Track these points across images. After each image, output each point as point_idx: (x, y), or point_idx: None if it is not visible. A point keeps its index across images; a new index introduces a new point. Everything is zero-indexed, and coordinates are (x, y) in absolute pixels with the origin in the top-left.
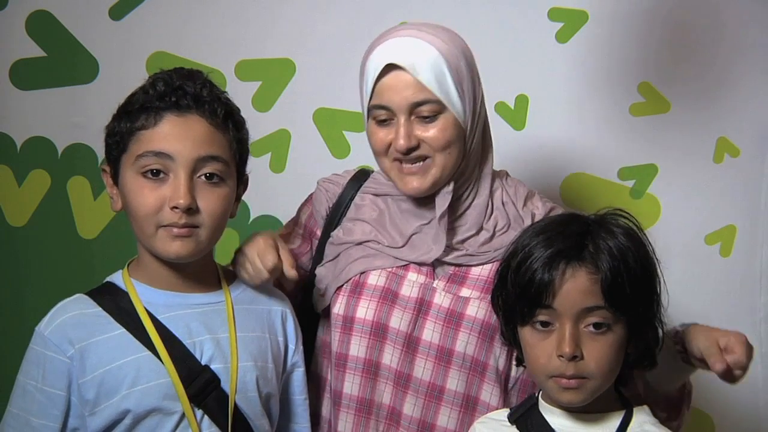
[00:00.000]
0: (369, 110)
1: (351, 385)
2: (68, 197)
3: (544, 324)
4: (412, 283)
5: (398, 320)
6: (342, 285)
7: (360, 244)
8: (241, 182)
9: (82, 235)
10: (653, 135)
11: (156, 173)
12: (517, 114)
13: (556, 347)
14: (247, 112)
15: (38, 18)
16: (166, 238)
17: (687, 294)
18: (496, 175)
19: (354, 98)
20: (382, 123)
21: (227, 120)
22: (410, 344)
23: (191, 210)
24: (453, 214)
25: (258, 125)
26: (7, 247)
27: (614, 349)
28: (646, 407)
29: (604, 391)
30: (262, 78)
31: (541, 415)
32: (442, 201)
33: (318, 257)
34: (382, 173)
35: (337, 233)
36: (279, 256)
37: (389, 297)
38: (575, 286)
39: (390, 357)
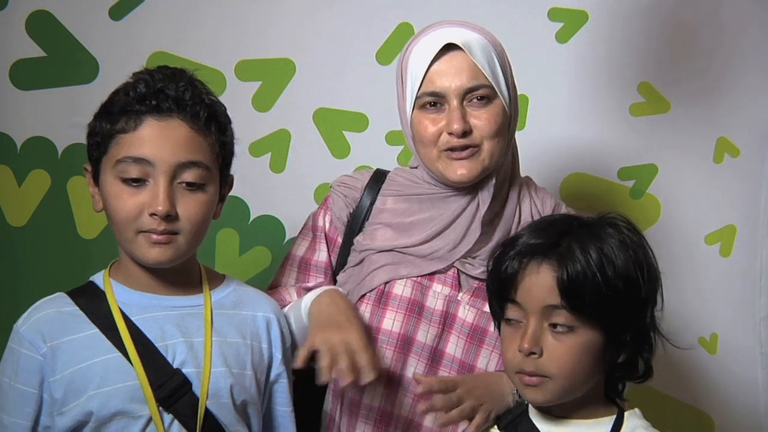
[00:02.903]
0: (417, 98)
1: (372, 396)
2: (68, 197)
3: (513, 320)
4: (436, 295)
5: (425, 334)
6: (366, 293)
7: (383, 251)
8: (226, 183)
9: (82, 235)
10: (653, 135)
11: (135, 179)
12: None
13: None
14: (247, 112)
15: (38, 18)
16: (145, 244)
17: (687, 294)
18: (524, 182)
19: (354, 98)
20: (430, 110)
21: (210, 123)
22: (434, 358)
23: (170, 217)
24: (487, 215)
25: (258, 125)
26: (7, 247)
27: (578, 352)
28: (637, 411)
29: (592, 397)
30: (262, 78)
31: (531, 421)
32: (487, 194)
33: (340, 265)
34: (400, 173)
35: (359, 239)
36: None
37: (416, 309)
38: (537, 282)
39: (413, 370)
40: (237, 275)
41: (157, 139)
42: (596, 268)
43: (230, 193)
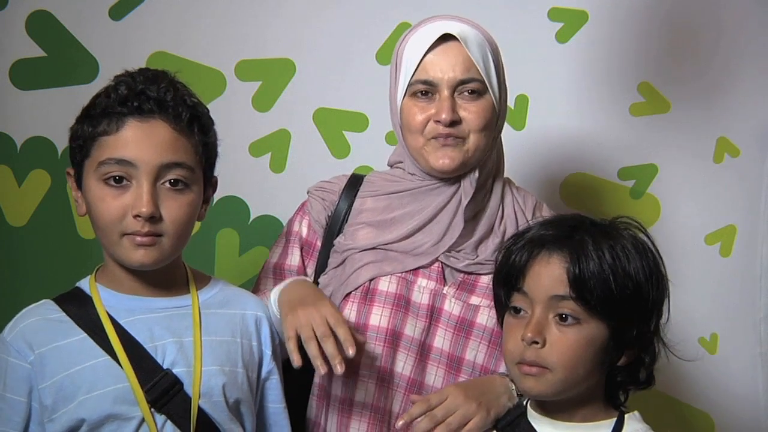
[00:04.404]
0: (409, 86)
1: (364, 393)
2: (68, 197)
3: (519, 309)
4: (422, 289)
5: (412, 328)
6: (350, 291)
7: (365, 250)
8: (210, 185)
9: (82, 235)
10: (653, 135)
11: (118, 180)
12: (517, 114)
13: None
14: (247, 112)
15: (38, 18)
16: (129, 246)
17: (687, 294)
18: (505, 181)
19: (354, 98)
20: (421, 98)
21: (192, 124)
22: (422, 352)
23: (154, 218)
24: (471, 209)
25: (258, 125)
26: (7, 247)
27: (581, 345)
28: (636, 414)
29: (591, 400)
30: (262, 78)
31: (529, 423)
32: (469, 186)
33: (321, 267)
34: (377, 175)
35: (340, 240)
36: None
37: (402, 304)
38: (546, 271)
39: (403, 365)
40: (237, 275)
41: (139, 141)
42: (608, 263)
43: (230, 193)
